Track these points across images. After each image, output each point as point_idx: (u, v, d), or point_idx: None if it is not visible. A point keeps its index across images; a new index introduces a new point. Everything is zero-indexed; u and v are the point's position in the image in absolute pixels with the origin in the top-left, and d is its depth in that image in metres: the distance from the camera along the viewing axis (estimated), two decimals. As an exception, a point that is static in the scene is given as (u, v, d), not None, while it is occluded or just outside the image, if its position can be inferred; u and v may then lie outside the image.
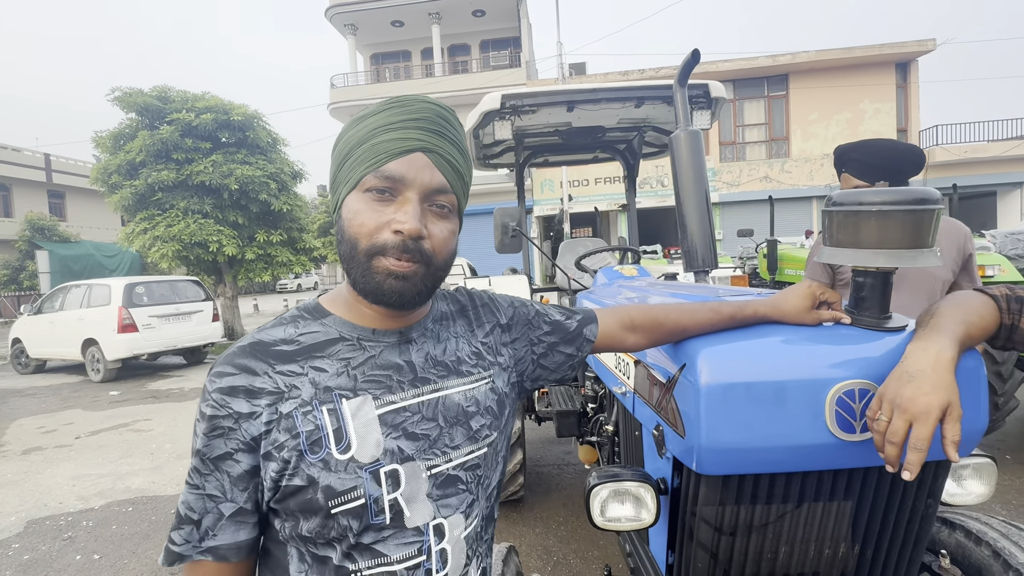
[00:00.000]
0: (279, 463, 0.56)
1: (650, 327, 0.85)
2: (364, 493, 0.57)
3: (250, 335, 0.62)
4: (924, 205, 0.77)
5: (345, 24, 17.44)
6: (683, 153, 1.66)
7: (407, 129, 0.59)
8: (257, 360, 0.59)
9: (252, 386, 0.57)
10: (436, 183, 0.60)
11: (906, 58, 14.34)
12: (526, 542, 2.59)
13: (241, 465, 0.57)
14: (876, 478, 0.87)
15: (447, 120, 0.63)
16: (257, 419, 0.56)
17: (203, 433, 0.57)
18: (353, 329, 0.63)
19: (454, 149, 0.62)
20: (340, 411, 0.58)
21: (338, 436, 0.57)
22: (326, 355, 0.61)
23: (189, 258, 9.12)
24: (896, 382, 0.70)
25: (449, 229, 0.62)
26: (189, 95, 9.22)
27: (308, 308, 0.66)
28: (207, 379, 0.59)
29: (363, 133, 0.60)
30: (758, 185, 14.79)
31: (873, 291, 0.84)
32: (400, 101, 0.61)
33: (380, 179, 0.58)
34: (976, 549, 1.15)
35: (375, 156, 0.58)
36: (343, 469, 0.56)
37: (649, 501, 0.98)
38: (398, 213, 0.58)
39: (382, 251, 0.57)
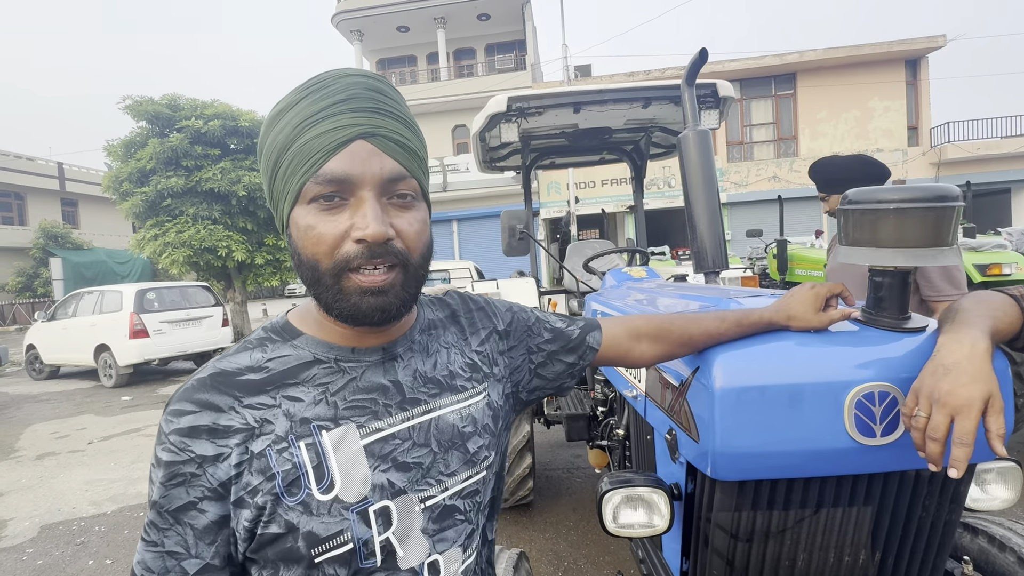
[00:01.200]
0: (253, 510, 0.49)
1: (656, 334, 0.80)
2: (352, 537, 0.51)
3: (210, 364, 0.54)
4: (944, 202, 0.75)
5: (351, 30, 17.57)
6: (692, 153, 1.64)
7: (336, 116, 0.50)
8: (220, 394, 0.51)
9: (217, 424, 0.50)
10: (389, 171, 0.51)
11: (916, 55, 14.19)
12: (536, 547, 2.56)
13: (207, 516, 0.49)
14: (897, 483, 0.84)
15: (381, 91, 0.53)
16: (225, 461, 0.49)
17: (160, 482, 0.49)
18: (329, 349, 0.56)
19: (398, 124, 0.53)
20: (320, 445, 0.51)
21: (319, 474, 0.51)
22: (300, 381, 0.54)
23: (199, 264, 9.21)
24: (932, 376, 0.66)
25: (418, 219, 0.54)
26: (198, 102, 9.33)
27: (276, 328, 0.58)
28: (163, 419, 0.51)
29: (286, 133, 0.51)
30: (766, 185, 14.68)
31: (891, 291, 0.82)
32: (319, 83, 0.52)
33: (322, 185, 0.49)
34: (1000, 555, 1.12)
35: (308, 159, 0.49)
36: (326, 512, 0.50)
37: (663, 507, 0.96)
38: (355, 218, 0.50)
39: (348, 266, 0.50)
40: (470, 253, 15.32)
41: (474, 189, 15.30)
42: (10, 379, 9.03)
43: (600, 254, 2.55)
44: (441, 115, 16.69)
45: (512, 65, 17.54)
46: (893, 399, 0.76)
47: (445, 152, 16.61)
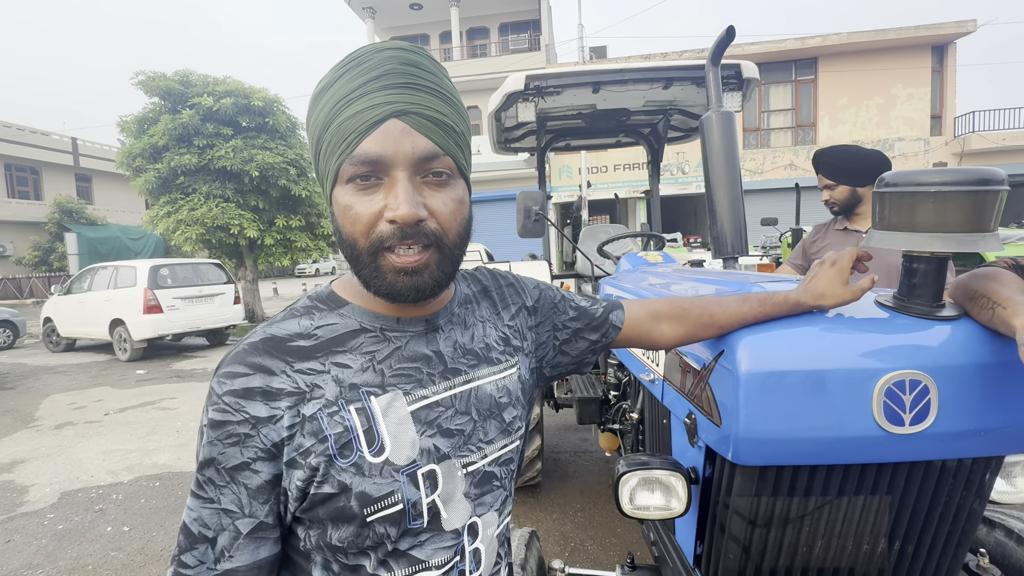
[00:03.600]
0: (306, 470, 0.50)
1: (677, 315, 0.79)
2: (402, 498, 0.52)
3: (260, 329, 0.55)
4: (988, 186, 0.72)
5: (364, 7, 17.33)
6: (715, 135, 1.60)
7: (371, 95, 0.49)
8: (273, 358, 0.52)
9: (270, 387, 0.51)
10: (422, 150, 0.50)
11: (943, 40, 13.73)
12: (543, 528, 2.59)
13: (261, 475, 0.50)
14: (922, 473, 0.83)
15: (418, 64, 0.52)
16: (278, 423, 0.50)
17: (216, 440, 0.50)
18: (375, 319, 0.58)
19: (435, 99, 0.52)
20: (370, 410, 0.53)
21: (369, 437, 0.52)
22: (348, 349, 0.55)
23: (211, 241, 9.27)
24: None
25: (454, 198, 0.53)
26: (210, 79, 9.28)
27: (322, 297, 0.59)
28: (214, 381, 0.52)
29: (326, 113, 0.51)
30: (783, 173, 14.41)
31: (927, 277, 0.80)
32: (356, 59, 0.51)
33: (357, 165, 0.50)
34: (1017, 549, 1.11)
35: (343, 140, 0.50)
36: (378, 473, 0.52)
37: (680, 490, 0.95)
38: (388, 198, 0.50)
39: (383, 246, 0.51)
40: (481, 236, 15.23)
41: (485, 172, 15.18)
42: (28, 351, 9.23)
43: (615, 238, 2.52)
44: (453, 96, 16.49)
45: (526, 45, 17.22)
46: (924, 387, 0.74)
47: (456, 134, 16.45)
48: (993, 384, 0.76)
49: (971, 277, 0.83)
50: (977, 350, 0.76)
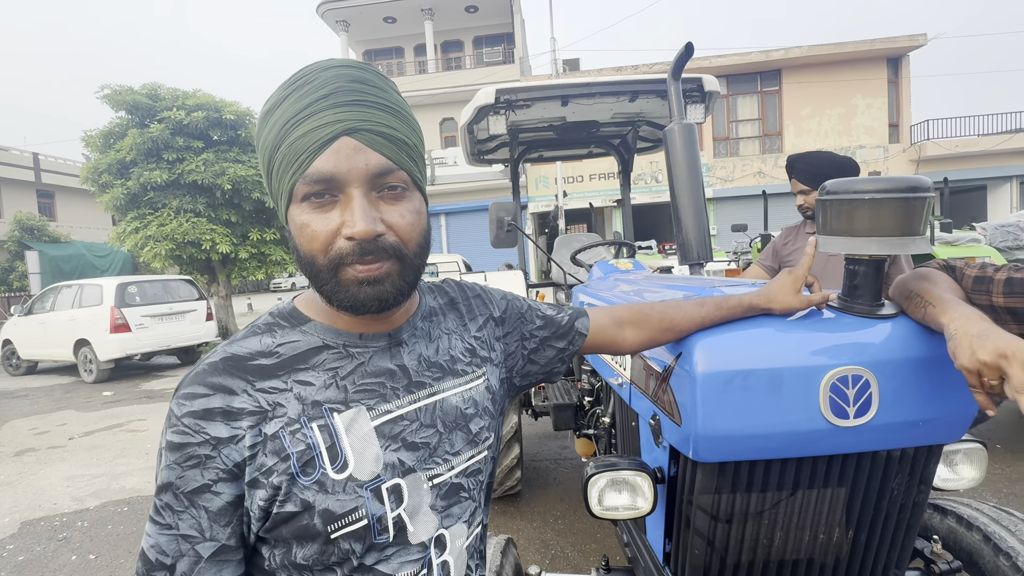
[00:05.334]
0: (268, 489, 0.50)
1: (639, 320, 0.82)
2: (366, 513, 0.53)
3: (220, 348, 0.55)
4: (916, 193, 0.77)
5: (337, 20, 17.31)
6: (677, 146, 1.67)
7: (320, 113, 0.50)
8: (233, 377, 0.52)
9: (230, 407, 0.51)
10: (376, 166, 0.51)
11: (897, 53, 14.42)
12: (524, 536, 2.60)
13: (222, 497, 0.50)
14: (869, 464, 0.88)
15: (366, 81, 0.52)
16: (239, 443, 0.50)
17: (175, 463, 0.49)
18: (338, 335, 0.57)
19: (385, 115, 0.53)
20: (332, 426, 0.53)
21: (332, 454, 0.52)
22: (311, 366, 0.55)
23: (182, 257, 9.05)
24: (979, 342, 0.65)
25: (411, 210, 0.54)
26: (180, 93, 9.13)
27: (284, 314, 0.59)
28: (173, 403, 0.51)
29: (275, 132, 0.51)
30: (752, 180, 14.84)
31: (866, 279, 0.85)
32: (303, 78, 0.51)
33: (310, 184, 0.50)
34: (967, 534, 1.17)
35: (295, 159, 0.50)
36: (341, 490, 0.52)
37: (646, 489, 0.98)
38: (345, 215, 0.51)
39: (343, 261, 0.51)
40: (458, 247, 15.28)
41: (462, 183, 15.24)
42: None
43: (587, 247, 2.57)
44: (429, 108, 16.56)
45: (500, 58, 17.43)
46: (866, 382, 0.79)
47: (433, 145, 16.50)
48: (928, 377, 0.81)
49: (907, 277, 0.89)
50: (913, 346, 0.81)
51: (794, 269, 0.85)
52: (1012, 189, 14.72)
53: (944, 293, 0.78)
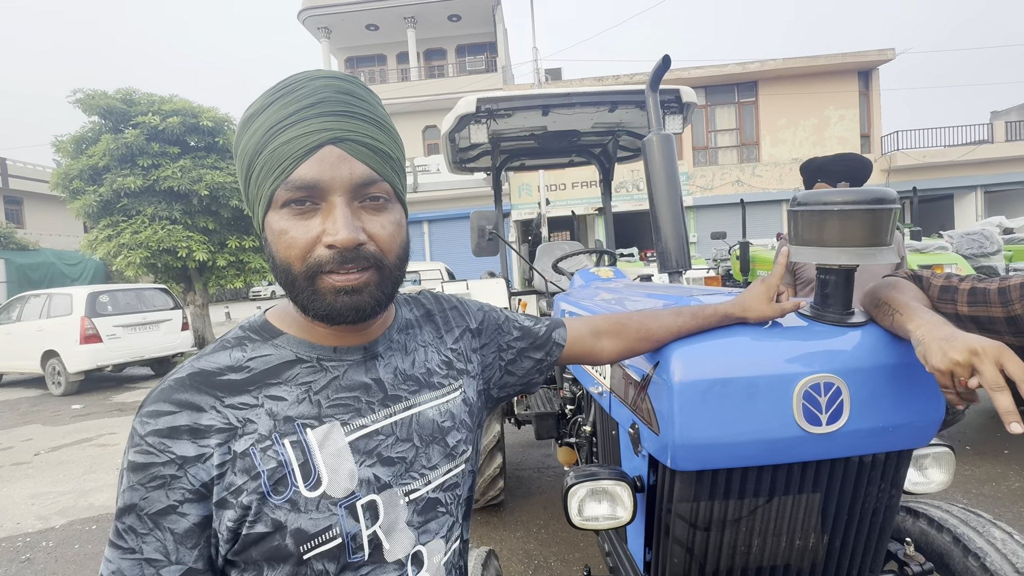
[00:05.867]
0: (237, 510, 0.49)
1: (616, 330, 0.83)
2: (341, 531, 0.51)
3: (187, 364, 0.53)
4: (882, 204, 0.80)
5: (319, 27, 17.22)
6: (656, 157, 1.69)
7: (306, 121, 0.50)
8: (201, 393, 0.51)
9: (198, 424, 0.49)
10: (359, 176, 0.51)
11: (867, 66, 14.91)
12: (507, 547, 2.57)
13: (188, 519, 0.48)
14: (842, 470, 0.89)
15: (353, 94, 0.53)
16: (207, 462, 0.49)
17: (138, 484, 0.48)
18: (311, 349, 0.57)
19: (370, 127, 0.53)
20: (305, 442, 0.52)
21: (305, 471, 0.51)
22: (283, 381, 0.54)
23: (157, 265, 8.83)
24: (949, 344, 0.67)
25: (392, 221, 0.54)
26: (155, 98, 8.95)
27: (255, 327, 0.58)
28: (136, 421, 0.49)
29: (257, 138, 0.51)
30: (730, 189, 15.13)
31: (836, 288, 0.87)
32: (289, 86, 0.51)
33: (292, 191, 0.50)
34: (938, 536, 1.19)
35: (278, 165, 0.50)
36: (314, 508, 0.51)
37: (626, 499, 0.98)
38: (326, 223, 0.50)
39: (321, 269, 0.51)
40: (441, 254, 15.22)
41: (445, 190, 15.21)
42: (-54, 388, 8.44)
43: (568, 255, 2.59)
44: (411, 115, 16.53)
45: (483, 67, 17.54)
46: (837, 389, 0.81)
47: (415, 153, 16.46)
48: (897, 384, 0.83)
49: (876, 286, 0.91)
50: (882, 353, 0.83)
51: (767, 278, 0.86)
52: (977, 198, 15.29)
53: (911, 301, 0.80)
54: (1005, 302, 0.78)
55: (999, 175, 14.87)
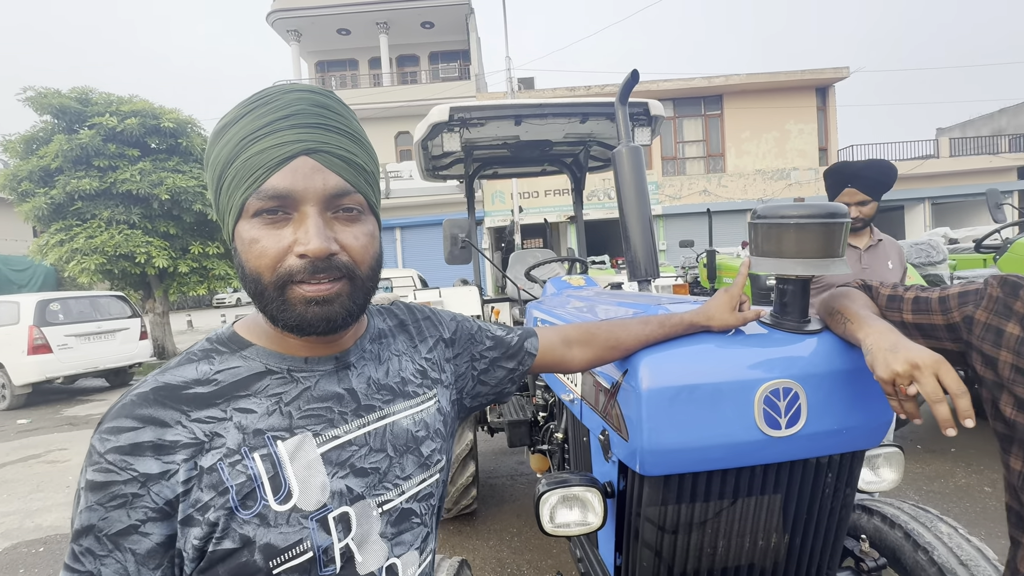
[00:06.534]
0: (203, 527, 0.47)
1: (586, 339, 0.85)
2: (312, 545, 0.51)
3: (151, 378, 0.52)
4: (835, 219, 0.85)
5: (288, 30, 16.93)
6: (625, 168, 1.73)
7: (280, 132, 0.50)
8: (166, 408, 0.49)
9: (162, 440, 0.48)
10: (333, 187, 0.52)
11: (824, 83, 15.63)
12: (480, 555, 2.56)
13: (151, 538, 0.47)
14: (801, 471, 0.93)
15: (327, 107, 0.53)
16: (172, 478, 0.47)
17: (97, 504, 0.46)
18: (281, 360, 0.56)
19: (345, 140, 0.54)
20: (276, 455, 0.51)
21: (275, 484, 0.50)
22: (252, 393, 0.53)
23: (113, 272, 8.44)
24: (892, 355, 0.71)
25: (365, 232, 0.55)
26: (113, 98, 8.60)
27: (223, 339, 0.57)
28: (95, 438, 0.48)
29: (230, 148, 0.51)
30: (698, 198, 15.56)
31: (794, 297, 0.92)
32: (264, 98, 0.52)
33: (264, 200, 0.50)
34: (891, 532, 1.25)
35: (251, 175, 0.50)
36: (284, 522, 0.50)
37: (596, 504, 1.00)
38: (298, 233, 0.50)
39: (292, 280, 0.51)
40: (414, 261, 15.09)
41: (418, 197, 15.12)
42: None
43: (540, 263, 2.62)
44: (384, 121, 16.40)
45: (456, 74, 17.57)
46: (795, 394, 0.85)
47: (388, 159, 16.32)
48: (850, 388, 0.88)
49: (830, 296, 0.96)
50: (836, 359, 0.88)
51: (729, 288, 0.90)
52: (925, 210, 16.18)
53: (861, 310, 0.85)
54: (945, 310, 0.84)
55: (945, 188, 15.79)
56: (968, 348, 0.81)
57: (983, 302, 0.80)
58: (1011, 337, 0.75)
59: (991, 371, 0.77)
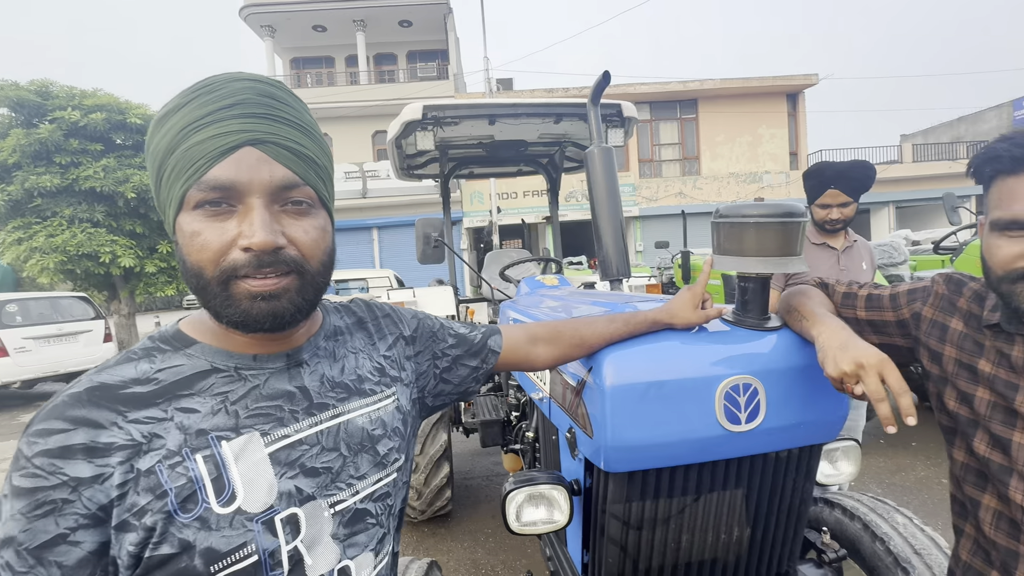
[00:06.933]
0: (140, 532, 0.45)
1: (551, 337, 0.85)
2: (257, 548, 0.49)
3: (85, 378, 0.50)
4: (792, 218, 0.86)
5: (262, 25, 16.57)
6: (597, 168, 1.75)
7: (223, 122, 0.48)
8: (100, 409, 0.47)
9: (96, 442, 0.46)
10: (280, 179, 0.50)
11: (795, 89, 16.06)
12: (454, 557, 2.54)
13: (82, 547, 0.44)
14: (761, 465, 0.95)
15: (275, 97, 0.52)
16: (106, 482, 0.45)
17: (21, 514, 0.43)
18: (228, 357, 0.54)
19: (294, 131, 0.52)
20: (219, 456, 0.50)
21: (218, 486, 0.49)
22: (196, 392, 0.51)
23: (75, 272, 8.13)
24: (842, 353, 0.74)
25: (315, 226, 0.53)
26: (76, 91, 8.28)
27: (166, 337, 0.55)
28: (23, 442, 0.45)
29: (170, 137, 0.49)
30: (674, 200, 15.81)
31: (755, 295, 0.93)
32: (207, 86, 0.50)
33: (206, 191, 0.48)
34: (850, 524, 1.29)
35: (192, 165, 0.48)
36: (227, 525, 0.48)
37: (562, 502, 1.00)
38: (243, 225, 0.49)
39: (236, 274, 0.49)
40: (391, 262, 14.94)
41: (395, 196, 14.97)
42: None
43: (515, 263, 2.62)
44: (360, 120, 16.20)
45: (435, 74, 17.45)
46: (755, 390, 0.86)
47: (365, 158, 16.11)
48: (807, 384, 0.90)
49: (788, 293, 0.99)
50: (794, 355, 0.90)
51: (692, 287, 0.91)
52: (889, 213, 16.77)
53: (816, 307, 0.87)
54: (895, 307, 0.86)
55: (908, 192, 16.39)
56: (916, 344, 0.83)
57: (930, 299, 0.82)
58: (955, 333, 0.78)
59: (936, 366, 0.80)
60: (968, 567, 0.80)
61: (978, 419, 0.73)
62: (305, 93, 15.85)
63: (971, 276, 0.82)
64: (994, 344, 0.73)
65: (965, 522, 0.81)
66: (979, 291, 0.78)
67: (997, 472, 0.71)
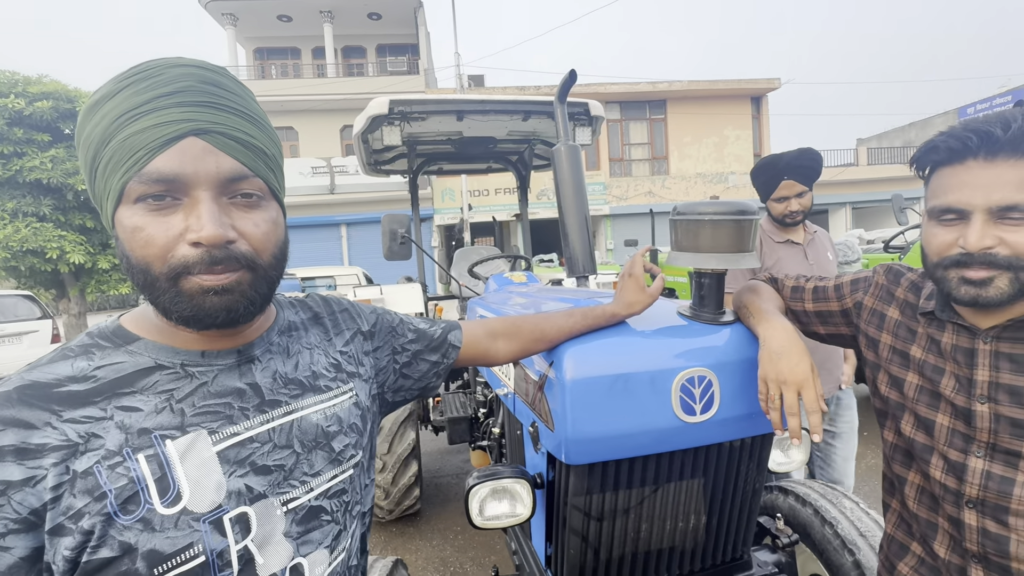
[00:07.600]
0: (77, 536, 0.44)
1: (511, 332, 0.86)
2: (204, 549, 0.48)
3: (15, 376, 0.48)
4: (745, 216, 0.89)
5: (224, 13, 15.98)
6: (564, 166, 1.76)
7: (164, 110, 0.46)
8: (32, 408, 0.45)
9: (27, 444, 0.44)
10: (227, 171, 0.49)
11: (758, 93, 16.57)
12: (423, 556, 2.53)
13: (12, 553, 0.42)
14: (716, 455, 0.99)
15: (220, 85, 0.50)
16: (38, 485, 0.43)
17: None
18: (174, 354, 0.52)
19: (241, 120, 0.51)
20: (163, 455, 0.48)
21: (162, 486, 0.47)
22: (138, 390, 0.49)
23: (19, 269, 7.69)
24: (769, 363, 0.80)
25: (266, 219, 0.52)
26: (19, 77, 7.81)
27: (105, 334, 0.53)
28: None
29: (104, 126, 0.47)
30: (643, 199, 16.09)
31: (711, 290, 0.96)
32: (144, 72, 0.47)
33: (148, 184, 0.46)
34: (802, 510, 1.35)
35: (131, 156, 0.46)
36: (172, 526, 0.47)
37: (525, 496, 1.01)
38: (190, 219, 0.47)
39: (186, 269, 0.47)
40: (359, 259, 14.69)
41: (364, 192, 14.71)
42: None
43: (483, 260, 2.62)
44: (328, 113, 15.83)
45: (405, 68, 17.20)
46: (709, 382, 0.89)
47: (333, 153, 15.77)
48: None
49: (740, 290, 1.02)
50: (747, 348, 0.93)
51: (630, 271, 0.93)
52: (847, 213, 17.53)
53: (764, 304, 0.91)
54: (840, 297, 0.91)
55: (864, 193, 17.16)
56: (857, 332, 0.88)
57: (871, 289, 0.87)
58: (891, 321, 0.82)
59: (872, 352, 0.84)
60: (892, 539, 0.85)
61: (906, 402, 0.78)
62: (269, 85, 15.38)
63: (909, 267, 0.87)
64: (927, 331, 0.77)
65: (892, 498, 0.85)
66: (916, 281, 0.83)
67: (920, 451, 0.76)
